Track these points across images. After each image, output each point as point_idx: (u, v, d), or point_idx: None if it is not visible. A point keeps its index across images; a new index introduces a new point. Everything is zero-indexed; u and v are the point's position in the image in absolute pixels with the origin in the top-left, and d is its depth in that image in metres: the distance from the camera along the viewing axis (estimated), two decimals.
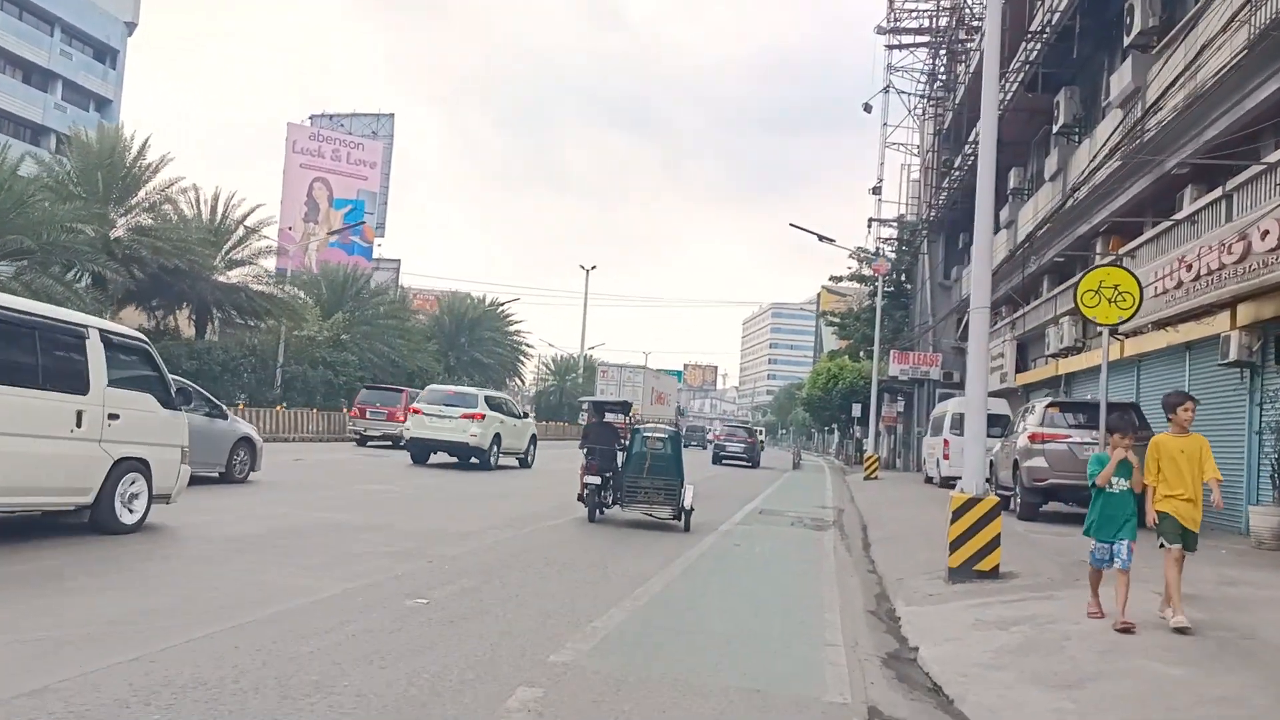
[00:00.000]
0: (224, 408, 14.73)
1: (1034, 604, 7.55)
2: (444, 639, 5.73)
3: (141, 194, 28.35)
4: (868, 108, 41.90)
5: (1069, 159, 20.87)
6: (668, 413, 63.49)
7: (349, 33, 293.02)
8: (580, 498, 13.14)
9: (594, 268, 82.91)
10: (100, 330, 8.76)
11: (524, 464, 24.39)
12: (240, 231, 32.19)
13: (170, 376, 9.85)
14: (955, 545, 8.67)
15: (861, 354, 42.28)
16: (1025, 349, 27.16)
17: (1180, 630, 6.34)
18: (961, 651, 6.20)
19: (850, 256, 39.93)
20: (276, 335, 35.40)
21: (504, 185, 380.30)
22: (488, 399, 23.14)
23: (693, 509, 12.99)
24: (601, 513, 13.15)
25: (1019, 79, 22.09)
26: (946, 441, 23.32)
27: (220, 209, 31.85)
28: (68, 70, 55.31)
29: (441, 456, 22.38)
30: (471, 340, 52.31)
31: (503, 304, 57.80)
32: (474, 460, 21.86)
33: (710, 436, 61.31)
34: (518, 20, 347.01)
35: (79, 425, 8.30)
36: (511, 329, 58.47)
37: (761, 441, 46.21)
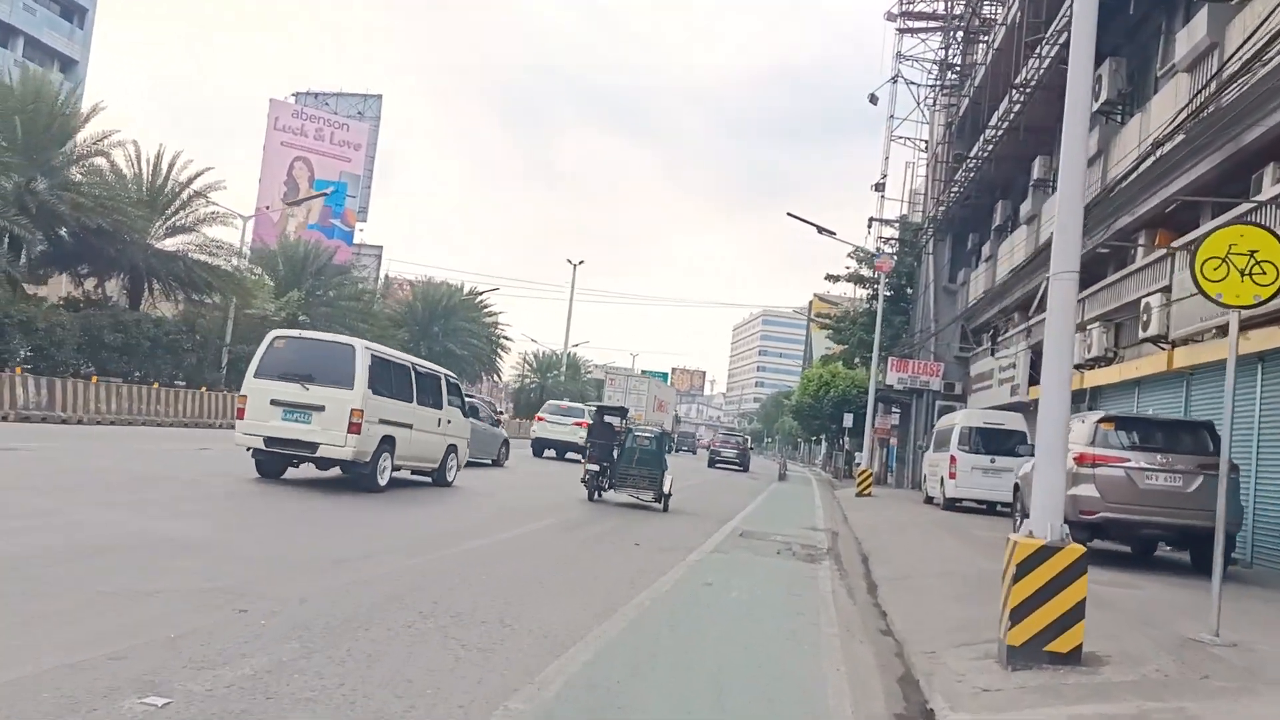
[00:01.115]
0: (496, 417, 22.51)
1: (1159, 717, 4.87)
2: None
3: (69, 146, 25.46)
4: (873, 99, 39.31)
5: (1111, 140, 18.26)
6: (667, 418, 65.70)
7: (343, 16, 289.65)
8: (583, 480, 16.27)
9: (581, 262, 79.82)
10: (444, 375, 15.89)
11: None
12: (185, 195, 29.26)
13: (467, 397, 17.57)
14: (1019, 614, 5.96)
15: (857, 361, 39.66)
16: (1040, 360, 24.54)
17: None
18: None
19: (849, 256, 37.34)
20: (225, 312, 32.60)
21: (499, 181, 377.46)
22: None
23: (671, 494, 16.13)
24: (600, 495, 16.33)
25: (1053, 49, 19.47)
26: (954, 458, 20.69)
27: (164, 169, 28.93)
28: (30, 26, 52.29)
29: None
30: (445, 330, 49.40)
31: (481, 293, 54.95)
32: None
33: (704, 443, 65.16)
34: (518, 19, 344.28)
35: (438, 426, 15.07)
36: (490, 320, 55.61)
37: (750, 449, 49.74)
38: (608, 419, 16.57)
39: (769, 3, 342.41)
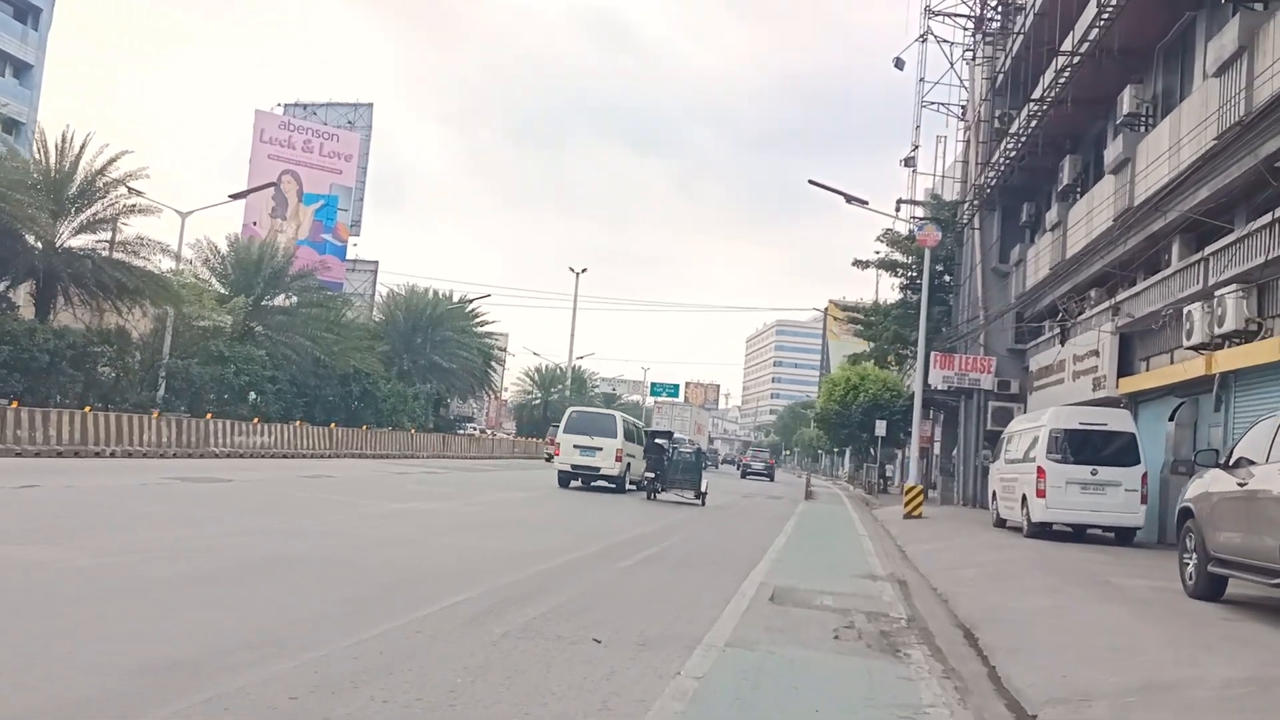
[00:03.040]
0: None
1: None
2: None
3: None
4: (899, 63, 34.75)
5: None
6: (703, 439, 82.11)
7: (345, 32, 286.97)
8: (641, 486, 22.87)
9: (584, 270, 75.47)
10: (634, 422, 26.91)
11: None
12: (101, 185, 24.80)
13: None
14: None
15: (890, 360, 34.83)
16: (1131, 344, 19.80)
17: None
18: None
19: (878, 240, 32.63)
20: (164, 322, 28.17)
21: (508, 201, 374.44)
22: None
23: (707, 492, 21.62)
24: (655, 496, 21.77)
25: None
26: (1042, 471, 15.91)
27: (74, 153, 24.50)
28: None
29: None
30: (431, 341, 44.79)
31: (471, 301, 50.37)
32: None
33: (722, 457, 75.71)
34: (529, 36, 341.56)
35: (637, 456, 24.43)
36: (482, 330, 50.99)
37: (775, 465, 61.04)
38: (658, 440, 23.12)
39: (778, 12, 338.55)
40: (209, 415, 25.78)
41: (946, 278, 32.97)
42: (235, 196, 29.96)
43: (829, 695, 5.67)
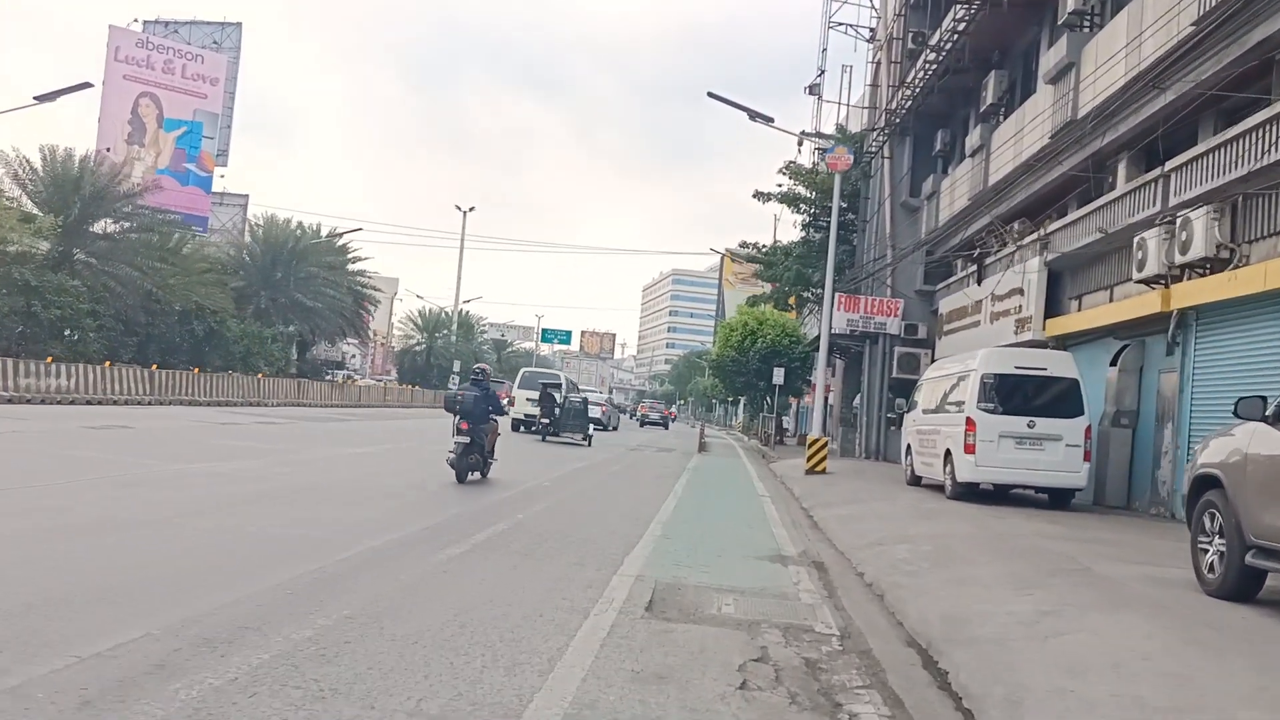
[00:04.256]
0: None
1: None
2: None
3: None
4: None
5: None
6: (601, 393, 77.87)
7: None
8: (535, 430, 25.21)
9: (471, 209, 71.12)
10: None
11: None
12: None
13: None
14: None
15: (791, 303, 32.48)
16: (1060, 281, 17.73)
17: None
18: None
19: (780, 172, 30.07)
20: None
21: (399, 141, 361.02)
22: None
23: (592, 435, 25.60)
24: (546, 438, 24.44)
25: None
26: (971, 423, 13.60)
27: None
28: None
29: None
30: (295, 278, 40.52)
31: (340, 234, 46.03)
32: None
33: (640, 409, 73.38)
34: None
35: None
36: (354, 268, 46.79)
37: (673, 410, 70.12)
38: (550, 390, 25.18)
39: None
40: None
41: (850, 215, 30.72)
42: (41, 99, 25.42)
43: None
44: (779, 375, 34.08)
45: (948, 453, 14.41)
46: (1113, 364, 15.04)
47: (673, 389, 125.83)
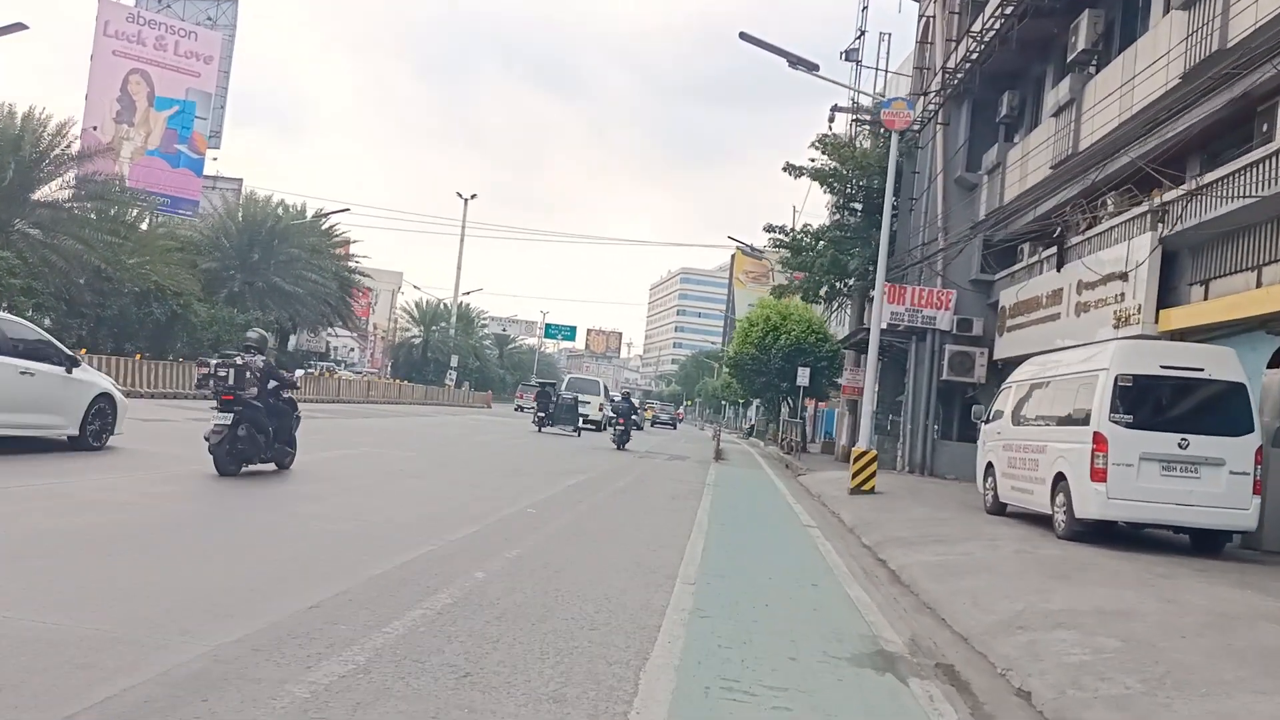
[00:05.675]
0: None
1: None
2: None
3: None
4: None
5: None
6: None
7: None
8: (533, 421, 29.69)
9: (474, 196, 67.69)
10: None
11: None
12: None
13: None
14: None
15: (824, 293, 28.98)
16: (1177, 262, 14.29)
17: None
18: None
19: (813, 146, 26.57)
20: None
21: (413, 135, 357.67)
22: None
23: (581, 429, 30.11)
24: (542, 429, 28.79)
25: None
26: (1102, 440, 10.12)
27: None
28: None
29: None
30: (274, 261, 37.10)
31: (325, 215, 42.55)
32: None
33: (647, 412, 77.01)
34: None
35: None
36: (340, 251, 43.35)
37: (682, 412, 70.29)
38: (546, 389, 31.41)
39: None
40: None
41: (892, 197, 27.22)
42: None
43: None
44: (804, 375, 30.67)
45: (1059, 477, 10.94)
46: (1271, 365, 11.59)
47: (680, 389, 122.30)
